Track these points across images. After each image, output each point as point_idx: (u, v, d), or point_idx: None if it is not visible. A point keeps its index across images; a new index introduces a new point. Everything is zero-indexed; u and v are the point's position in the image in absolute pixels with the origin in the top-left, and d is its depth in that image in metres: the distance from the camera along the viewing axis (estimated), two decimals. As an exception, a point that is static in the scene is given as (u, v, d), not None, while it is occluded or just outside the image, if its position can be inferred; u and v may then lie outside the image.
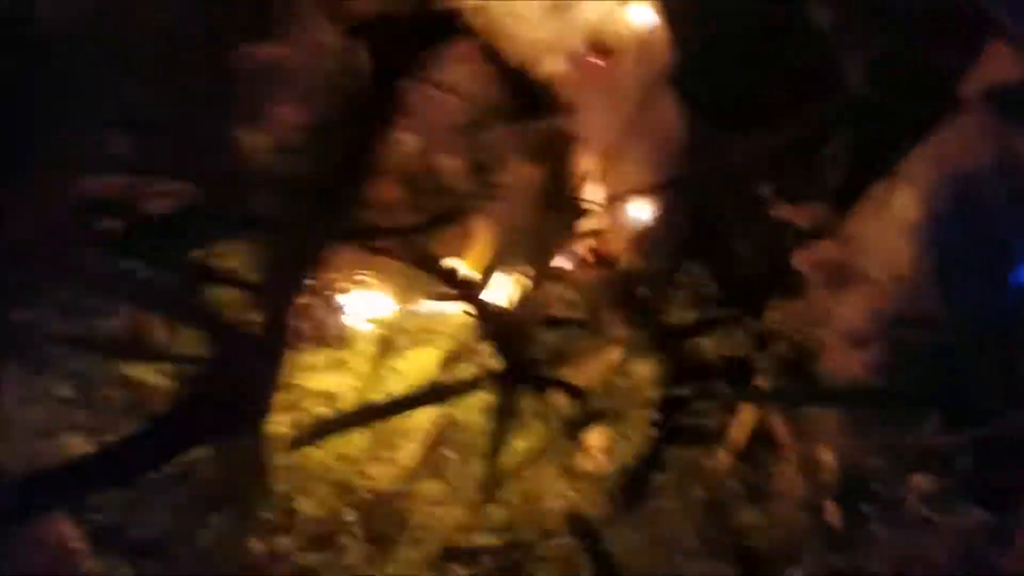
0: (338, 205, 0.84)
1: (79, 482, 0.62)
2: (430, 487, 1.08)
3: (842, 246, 1.15)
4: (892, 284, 1.06)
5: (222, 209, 0.83)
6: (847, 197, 1.23)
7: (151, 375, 0.90)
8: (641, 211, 1.36)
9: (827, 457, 1.04)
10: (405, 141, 1.09)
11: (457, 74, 1.12)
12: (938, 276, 1.01)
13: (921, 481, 0.94)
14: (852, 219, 1.15)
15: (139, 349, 0.86)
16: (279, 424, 0.92)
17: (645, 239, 1.33)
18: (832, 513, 1.03)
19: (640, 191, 1.35)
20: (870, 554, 1.00)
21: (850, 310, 1.08)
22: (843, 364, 1.00)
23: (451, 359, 1.02)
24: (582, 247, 1.22)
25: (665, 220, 1.37)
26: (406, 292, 1.02)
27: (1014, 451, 0.85)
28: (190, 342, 0.87)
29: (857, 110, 1.25)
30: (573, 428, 1.01)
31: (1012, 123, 1.03)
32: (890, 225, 1.10)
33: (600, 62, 1.27)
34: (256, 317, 0.86)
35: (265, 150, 0.91)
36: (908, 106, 1.20)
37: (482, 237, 1.12)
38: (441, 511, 1.06)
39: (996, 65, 1.05)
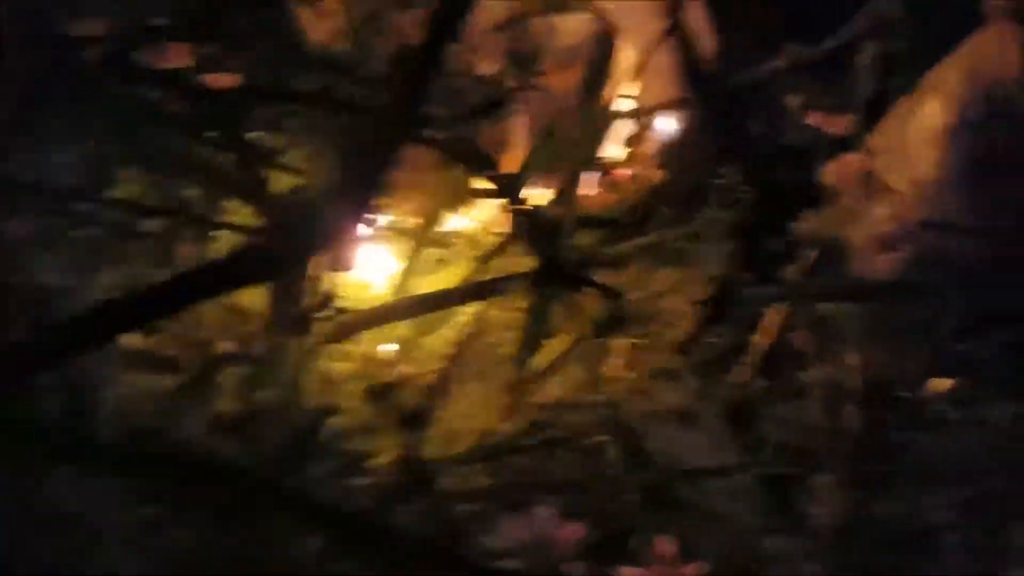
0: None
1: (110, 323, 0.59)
2: (460, 388, 1.08)
3: (870, 157, 1.17)
4: (918, 193, 1.07)
5: (284, 88, 0.82)
6: (877, 109, 1.24)
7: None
8: (669, 123, 1.37)
9: (851, 364, 1.06)
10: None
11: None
12: (964, 182, 1.02)
13: (945, 383, 0.96)
14: (880, 130, 1.16)
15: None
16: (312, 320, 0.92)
17: (673, 150, 1.34)
18: (855, 419, 1.04)
19: (670, 103, 1.36)
20: (893, 458, 1.02)
21: (878, 217, 1.09)
22: (871, 265, 1.02)
23: (486, 258, 1.02)
24: (618, 152, 1.23)
25: (694, 132, 1.38)
26: (443, 186, 1.02)
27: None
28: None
29: (888, 24, 1.27)
30: (605, 331, 1.01)
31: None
32: (917, 135, 1.11)
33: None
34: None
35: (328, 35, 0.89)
36: (936, 20, 1.22)
37: (519, 136, 1.13)
38: (471, 412, 1.06)
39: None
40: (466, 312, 1.02)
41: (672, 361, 1.05)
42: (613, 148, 1.32)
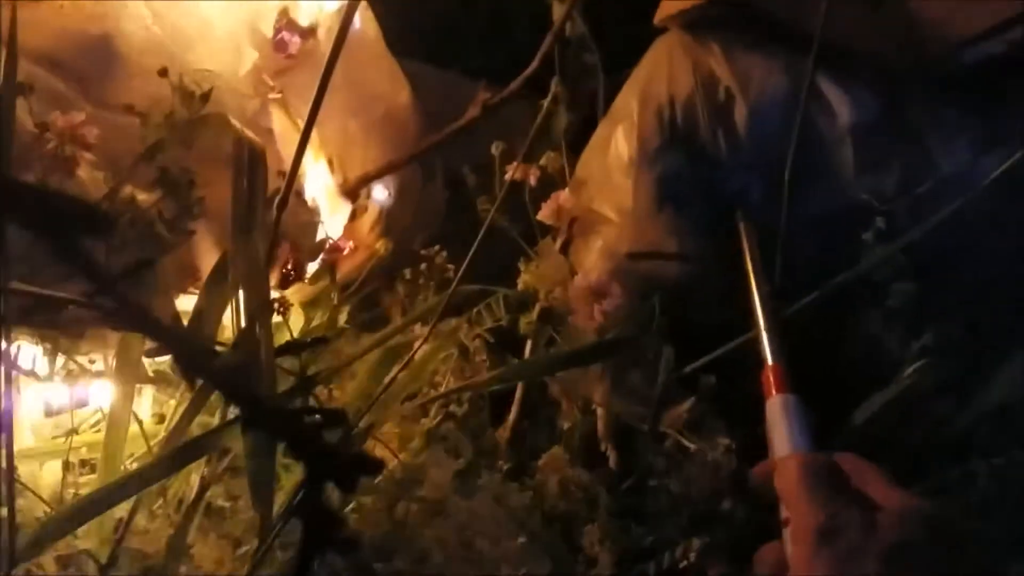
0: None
1: None
2: (206, 548, 1.01)
3: (578, 192, 1.16)
4: (623, 223, 1.07)
5: None
6: (579, 141, 1.23)
7: None
8: (383, 193, 1.33)
9: (600, 410, 1.06)
10: (91, 181, 1.00)
11: (131, 93, 1.04)
12: (660, 209, 1.03)
13: (676, 413, 0.98)
14: (582, 163, 1.15)
15: None
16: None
17: (392, 221, 1.30)
18: (612, 461, 1.05)
19: (380, 171, 1.31)
20: (647, 494, 1.03)
21: (591, 257, 1.09)
22: (587, 317, 1.01)
23: (190, 414, 0.94)
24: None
25: (410, 197, 1.34)
26: (126, 353, 0.94)
27: (746, 368, 0.89)
28: None
29: (576, 50, 1.27)
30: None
31: (705, 42, 1.06)
32: (613, 164, 1.11)
33: (299, 42, 1.20)
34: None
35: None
36: (622, 42, 1.23)
37: (193, 268, 1.06)
38: (224, 565, 1.00)
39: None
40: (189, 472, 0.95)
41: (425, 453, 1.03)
42: (334, 224, 1.28)
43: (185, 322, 0.93)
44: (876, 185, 0.94)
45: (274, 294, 1.02)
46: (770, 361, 0.85)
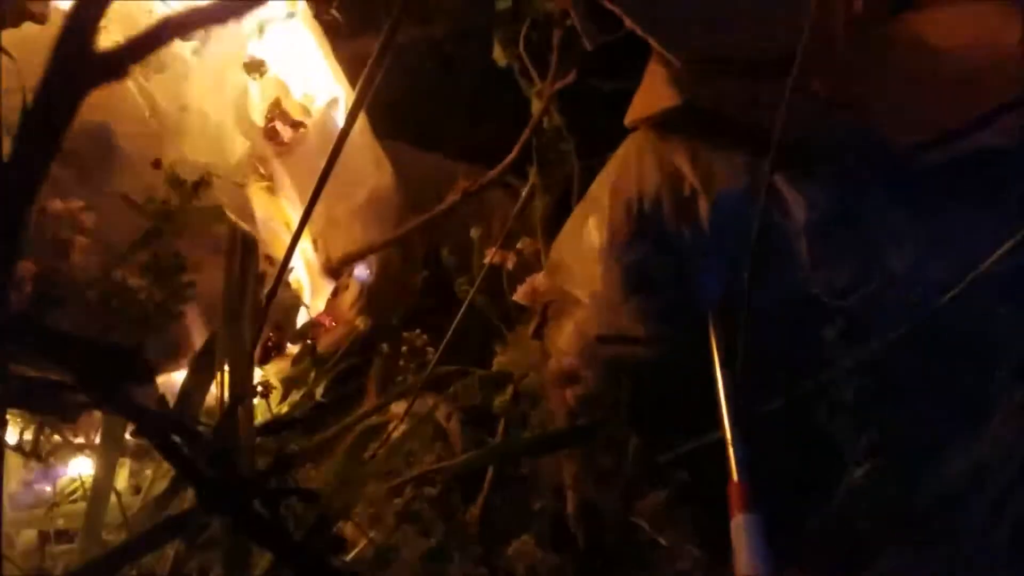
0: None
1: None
2: None
3: (552, 275, 1.21)
4: (594, 307, 1.12)
5: None
6: (554, 227, 1.29)
7: None
8: (364, 273, 1.37)
9: (569, 496, 1.09)
10: (86, 264, 1.04)
11: (130, 182, 1.09)
12: (628, 296, 1.06)
13: (646, 503, 1.00)
14: (556, 248, 1.20)
15: None
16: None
17: (371, 300, 1.34)
18: (581, 542, 1.07)
19: (363, 252, 1.36)
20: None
21: (563, 338, 1.13)
22: (559, 401, 1.05)
23: (170, 492, 0.97)
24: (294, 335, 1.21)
25: (391, 276, 1.38)
26: (111, 430, 0.96)
27: (718, 462, 0.92)
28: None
29: (553, 140, 1.33)
30: (314, 534, 0.97)
31: (671, 141, 1.12)
32: (585, 251, 1.16)
33: (290, 131, 1.26)
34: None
35: None
36: (594, 134, 1.29)
37: (183, 347, 1.09)
38: None
39: (655, 89, 1.14)
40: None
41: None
42: (316, 303, 1.31)
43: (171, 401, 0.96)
44: (829, 280, 0.99)
45: (257, 373, 1.06)
46: (735, 477, 0.87)
